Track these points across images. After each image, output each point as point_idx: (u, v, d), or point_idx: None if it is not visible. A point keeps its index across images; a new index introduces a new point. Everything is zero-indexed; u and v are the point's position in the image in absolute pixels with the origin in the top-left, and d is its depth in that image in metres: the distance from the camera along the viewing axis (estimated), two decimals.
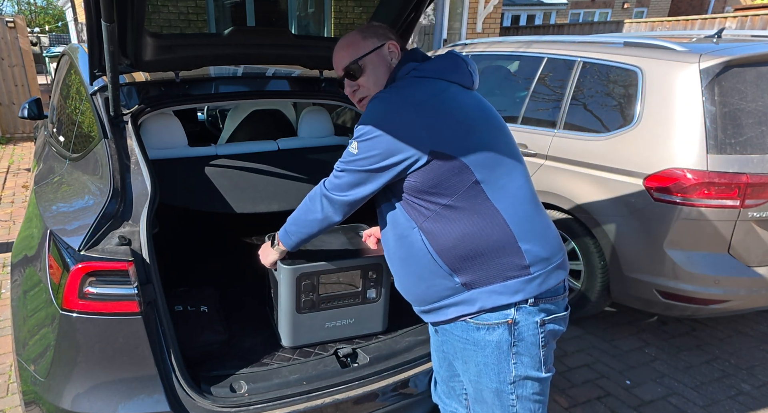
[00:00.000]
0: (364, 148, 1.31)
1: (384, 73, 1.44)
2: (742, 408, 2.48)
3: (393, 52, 1.44)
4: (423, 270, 1.37)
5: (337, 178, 1.39)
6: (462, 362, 1.43)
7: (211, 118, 4.37)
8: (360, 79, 1.44)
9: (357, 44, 1.43)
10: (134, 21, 1.72)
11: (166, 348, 1.55)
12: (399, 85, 1.34)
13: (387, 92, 1.31)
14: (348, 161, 1.36)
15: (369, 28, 1.46)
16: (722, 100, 2.45)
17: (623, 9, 20.06)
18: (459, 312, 1.37)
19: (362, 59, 1.42)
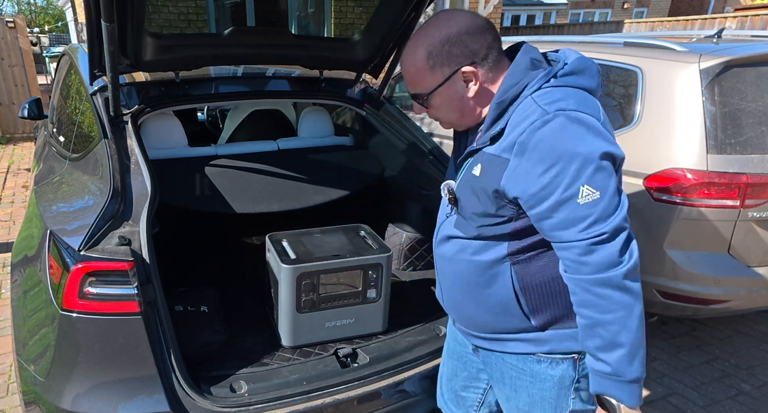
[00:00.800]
0: (601, 181, 1.03)
1: (473, 101, 1.18)
2: (742, 408, 2.48)
3: (471, 81, 1.15)
4: (497, 305, 1.24)
5: (603, 248, 1.03)
6: (511, 390, 1.33)
7: (211, 118, 4.37)
8: (434, 110, 1.23)
9: (423, 75, 1.16)
10: (134, 21, 1.72)
11: (166, 348, 1.55)
12: (564, 97, 1.07)
13: (576, 109, 1.05)
14: (598, 217, 1.02)
15: (435, 44, 1.12)
16: (722, 100, 2.45)
17: (623, 9, 20.06)
18: (525, 348, 1.26)
19: (432, 94, 1.18)
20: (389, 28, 2.14)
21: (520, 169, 1.07)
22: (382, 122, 2.54)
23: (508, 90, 1.12)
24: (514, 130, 1.09)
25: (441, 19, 1.14)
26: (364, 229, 2.12)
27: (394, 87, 5.23)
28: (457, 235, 1.27)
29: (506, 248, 1.19)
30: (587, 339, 1.09)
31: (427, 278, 2.50)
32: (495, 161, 1.12)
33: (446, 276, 1.35)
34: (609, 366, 1.07)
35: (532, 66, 1.15)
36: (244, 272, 2.56)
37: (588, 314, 1.07)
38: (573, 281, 1.07)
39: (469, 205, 1.21)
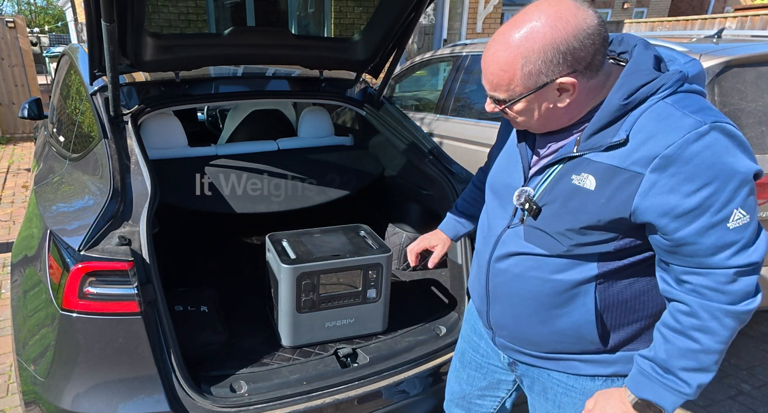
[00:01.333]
0: (753, 204, 0.94)
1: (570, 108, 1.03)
2: (742, 408, 2.48)
3: (567, 91, 1.00)
4: (569, 327, 1.14)
5: (746, 279, 0.96)
6: (554, 406, 1.26)
7: (211, 118, 4.37)
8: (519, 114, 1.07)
9: (510, 80, 1.00)
10: (134, 21, 1.72)
11: (166, 348, 1.55)
12: (706, 106, 0.96)
13: (727, 122, 0.94)
14: (746, 244, 0.95)
15: (534, 50, 0.95)
16: (722, 100, 2.45)
17: (623, 9, 20.05)
18: (587, 370, 1.18)
19: (516, 102, 1.03)
20: (389, 29, 2.14)
21: (662, 186, 0.93)
22: (382, 122, 2.54)
23: (633, 92, 0.97)
24: (649, 140, 0.94)
25: (547, 16, 0.94)
26: (364, 229, 2.12)
27: (394, 87, 5.23)
28: (532, 252, 1.13)
29: (596, 268, 1.07)
30: (680, 359, 1.01)
31: (427, 278, 2.50)
32: (620, 175, 0.96)
33: (507, 296, 1.21)
34: (688, 386, 1.02)
35: (657, 65, 1.01)
36: (244, 272, 2.56)
37: (702, 340, 0.99)
38: (702, 306, 0.98)
39: (562, 219, 1.06)
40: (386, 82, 2.50)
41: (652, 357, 1.06)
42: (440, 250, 1.61)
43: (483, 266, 1.26)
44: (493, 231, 1.23)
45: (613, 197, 0.98)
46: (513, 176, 1.18)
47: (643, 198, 0.95)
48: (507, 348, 1.30)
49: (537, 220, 1.10)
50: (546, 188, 1.09)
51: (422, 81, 5.64)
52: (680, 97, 0.97)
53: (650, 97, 0.97)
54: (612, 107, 0.98)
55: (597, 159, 1.00)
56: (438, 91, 4.71)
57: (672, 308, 1.04)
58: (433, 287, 2.41)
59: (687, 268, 0.99)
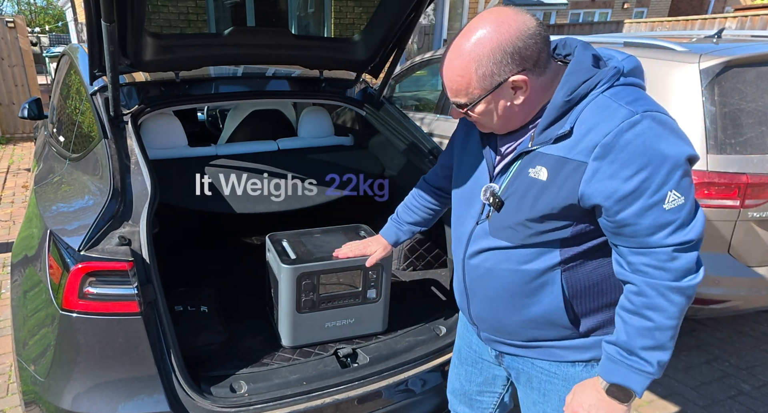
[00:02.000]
0: (687, 186, 1.01)
1: (525, 106, 1.11)
2: (742, 408, 2.48)
3: (520, 89, 1.07)
4: (542, 315, 1.20)
5: (685, 256, 1.02)
6: (539, 394, 1.31)
7: (211, 118, 4.37)
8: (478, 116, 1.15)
9: (468, 85, 1.08)
10: (134, 21, 1.72)
11: (166, 348, 1.55)
12: (640, 97, 1.04)
13: (659, 111, 1.02)
14: (682, 223, 1.01)
15: (484, 53, 1.03)
16: (722, 100, 2.45)
17: (623, 9, 20.06)
18: (565, 356, 1.24)
19: (476, 104, 1.11)
20: (389, 29, 2.14)
21: (603, 173, 1.01)
22: (382, 122, 2.54)
23: (575, 88, 1.05)
24: (590, 131, 1.02)
25: (490, 23, 1.03)
26: (364, 229, 2.12)
27: (394, 87, 5.23)
28: (498, 246, 1.19)
29: (558, 255, 1.14)
30: (638, 338, 1.07)
31: (427, 278, 2.50)
32: (567, 165, 1.05)
33: (482, 289, 1.27)
34: (650, 365, 1.07)
35: (596, 63, 1.09)
36: (244, 272, 2.56)
37: (654, 317, 1.05)
38: (648, 284, 1.04)
39: (521, 210, 1.13)
40: (386, 82, 2.50)
41: (615, 341, 1.11)
42: (379, 254, 1.75)
43: (459, 263, 1.32)
44: (464, 229, 1.29)
45: (563, 186, 1.06)
46: (479, 176, 1.26)
47: (587, 184, 1.03)
48: (490, 340, 1.36)
49: (500, 213, 1.17)
50: (508, 183, 1.16)
51: (422, 81, 5.64)
52: (617, 91, 1.05)
53: (591, 92, 1.06)
54: (558, 103, 1.07)
55: (548, 152, 1.08)
56: (438, 91, 4.70)
57: (625, 291, 1.10)
58: (433, 287, 2.41)
59: (631, 248, 1.06)
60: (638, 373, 1.08)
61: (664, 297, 1.04)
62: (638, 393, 1.10)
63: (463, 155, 1.35)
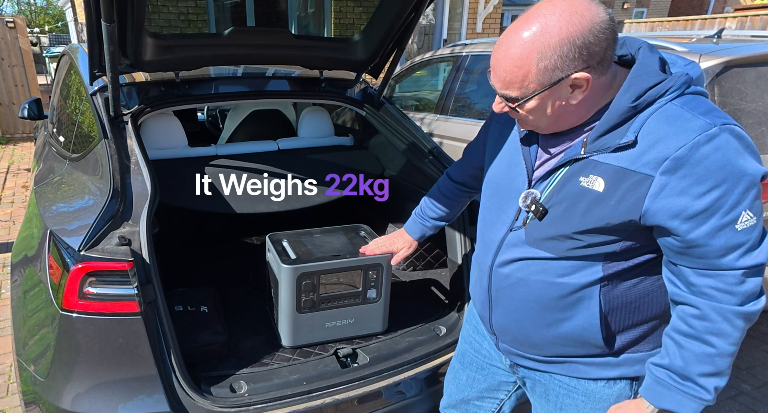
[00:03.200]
0: (759, 207, 0.95)
1: (587, 105, 1.02)
2: (742, 409, 2.48)
3: (580, 88, 0.98)
4: (574, 331, 1.13)
5: (754, 280, 0.97)
6: (555, 407, 1.26)
7: (211, 118, 4.37)
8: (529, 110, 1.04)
9: (524, 77, 0.98)
10: (134, 21, 1.72)
11: (166, 348, 1.55)
12: (714, 108, 0.97)
13: (736, 124, 0.95)
14: (753, 245, 0.96)
15: (550, 45, 0.93)
16: (722, 100, 2.45)
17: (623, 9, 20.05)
18: (591, 373, 1.18)
19: (529, 99, 1.01)
20: (389, 29, 2.14)
21: (672, 188, 0.93)
22: (382, 122, 2.54)
23: (642, 93, 0.97)
24: (659, 142, 0.94)
25: (562, 10, 0.93)
26: (364, 229, 2.12)
27: (394, 87, 5.23)
28: (536, 256, 1.12)
29: (601, 270, 1.07)
30: (696, 364, 1.01)
31: (427, 278, 2.50)
32: (629, 177, 0.96)
33: (510, 300, 1.19)
34: (707, 392, 1.02)
35: (663, 68, 1.01)
36: (244, 272, 2.56)
37: (716, 343, 1.00)
38: (712, 308, 0.98)
39: (569, 221, 1.05)
40: (386, 83, 2.50)
41: (668, 365, 1.04)
42: (404, 253, 1.72)
43: (485, 271, 1.24)
44: (494, 236, 1.22)
45: (623, 199, 0.98)
46: (515, 179, 1.17)
47: (654, 200, 0.95)
48: (510, 352, 1.30)
49: (542, 222, 1.09)
50: (552, 190, 1.08)
51: (422, 81, 5.65)
52: (688, 100, 0.97)
53: (658, 99, 0.97)
54: (621, 109, 0.98)
55: (605, 161, 1.00)
56: (438, 91, 4.71)
57: (681, 313, 1.03)
58: (433, 287, 2.41)
59: (697, 269, 0.99)
60: (692, 400, 1.03)
61: (729, 322, 0.98)
62: None
63: (496, 154, 1.25)
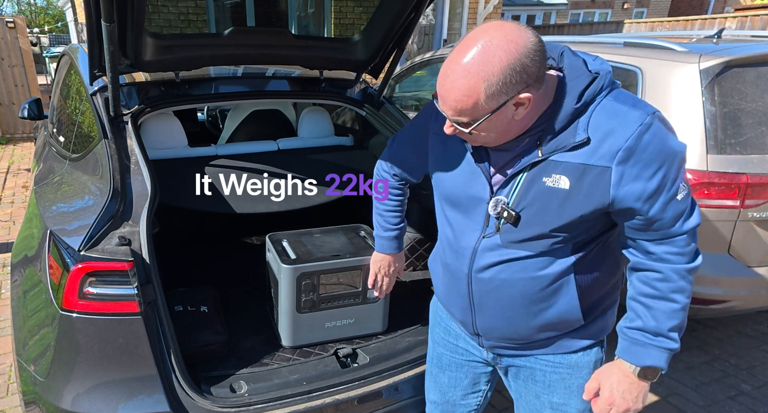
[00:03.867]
0: (685, 178, 1.11)
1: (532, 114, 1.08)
2: (742, 409, 2.48)
3: (523, 105, 1.04)
4: (557, 316, 1.23)
5: (694, 238, 1.13)
6: (543, 386, 1.33)
7: (211, 118, 4.37)
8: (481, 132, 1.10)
9: (473, 106, 1.02)
10: (134, 21, 1.72)
11: (166, 348, 1.55)
12: (636, 98, 1.10)
13: (657, 109, 1.07)
14: (691, 210, 1.11)
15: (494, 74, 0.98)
16: (722, 100, 2.45)
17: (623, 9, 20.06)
18: (572, 345, 1.29)
19: (479, 124, 1.06)
20: (389, 29, 2.14)
21: (629, 175, 1.04)
22: (382, 122, 2.54)
23: (581, 95, 1.06)
24: (608, 136, 1.04)
25: (498, 40, 0.98)
26: (364, 229, 2.12)
27: (394, 87, 5.23)
28: (515, 256, 1.18)
29: (573, 256, 1.17)
30: (666, 320, 1.14)
31: (427, 278, 2.50)
32: (590, 171, 1.06)
33: (495, 301, 1.25)
34: (675, 342, 1.16)
35: (587, 68, 1.10)
36: (244, 272, 2.56)
37: (680, 299, 1.14)
38: (672, 270, 1.13)
39: (544, 220, 1.12)
40: (386, 83, 2.50)
41: (642, 326, 1.17)
42: (401, 267, 1.73)
43: (461, 279, 1.28)
44: (465, 243, 1.25)
45: (590, 192, 1.07)
46: (475, 187, 1.21)
47: (618, 188, 1.06)
48: (495, 347, 1.36)
49: (518, 226, 1.15)
50: (519, 194, 1.14)
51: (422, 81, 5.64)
52: (617, 94, 1.09)
53: (596, 97, 1.08)
54: (568, 111, 1.07)
55: (564, 160, 1.08)
56: None
57: (645, 278, 1.16)
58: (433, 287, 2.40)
59: (655, 241, 1.13)
60: (665, 352, 1.16)
61: (685, 279, 1.13)
62: (665, 369, 1.18)
63: (447, 165, 1.29)
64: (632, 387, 1.18)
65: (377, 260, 1.71)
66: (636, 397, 1.18)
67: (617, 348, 1.22)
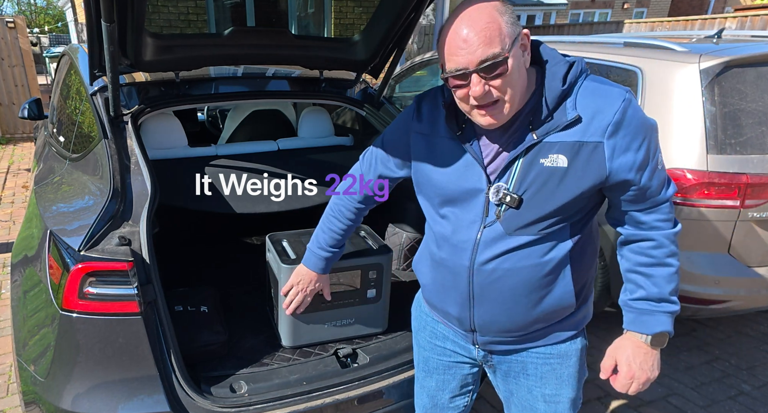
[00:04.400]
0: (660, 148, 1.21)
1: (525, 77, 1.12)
2: (742, 409, 2.48)
3: (526, 49, 1.12)
4: (555, 302, 1.24)
5: (672, 207, 1.22)
6: (536, 378, 1.34)
7: (211, 118, 4.37)
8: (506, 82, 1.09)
9: (499, 28, 1.05)
10: (134, 21, 1.72)
11: (166, 348, 1.55)
12: (605, 79, 1.18)
13: None
14: (668, 177, 1.21)
15: (494, 2, 1.07)
16: (722, 100, 2.45)
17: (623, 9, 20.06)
18: (564, 335, 1.31)
19: (510, 54, 1.06)
20: (389, 29, 2.14)
21: (619, 148, 1.10)
22: (382, 122, 2.54)
23: (565, 79, 1.12)
24: (597, 113, 1.10)
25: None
26: (364, 229, 2.12)
27: (394, 87, 5.23)
28: (519, 244, 1.18)
29: (570, 239, 1.20)
30: (666, 285, 1.20)
31: None
32: (584, 147, 1.11)
33: (497, 293, 1.23)
34: (675, 304, 1.21)
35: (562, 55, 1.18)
36: (244, 272, 2.56)
37: (674, 262, 1.20)
38: (663, 236, 1.19)
39: (546, 201, 1.14)
40: (386, 83, 2.50)
41: (646, 296, 1.22)
42: (327, 290, 1.73)
43: (461, 273, 1.26)
44: (464, 237, 1.23)
45: (587, 167, 1.12)
46: (470, 180, 1.21)
47: (612, 161, 1.11)
48: (490, 343, 1.34)
49: (520, 209, 1.16)
50: (518, 179, 1.15)
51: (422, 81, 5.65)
52: (592, 77, 1.16)
53: (578, 79, 1.14)
54: (556, 93, 1.12)
55: (558, 139, 1.12)
56: None
57: (638, 248, 1.22)
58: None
59: (645, 210, 1.19)
60: (670, 315, 1.21)
61: (674, 244, 1.20)
62: (671, 333, 1.22)
63: (433, 162, 1.28)
64: (648, 357, 1.22)
65: (300, 273, 1.66)
66: (652, 366, 1.22)
67: (624, 321, 1.26)
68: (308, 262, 1.63)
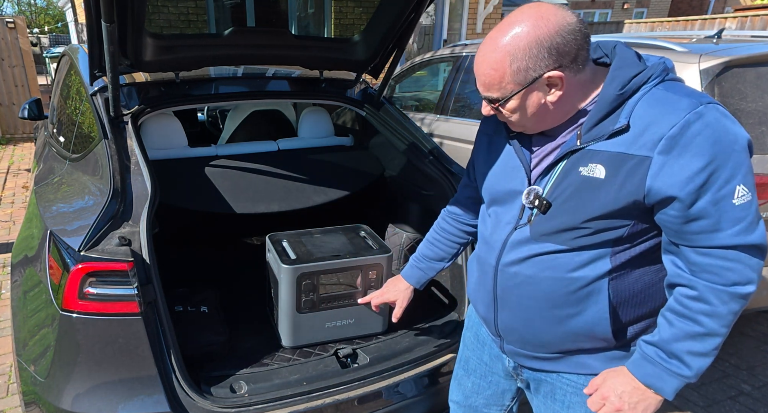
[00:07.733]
0: (752, 183, 0.97)
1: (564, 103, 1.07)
2: (742, 409, 2.48)
3: (556, 86, 1.04)
4: (584, 326, 1.14)
5: (752, 259, 0.99)
6: (563, 406, 1.26)
7: (211, 118, 4.37)
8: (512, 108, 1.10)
9: (501, 79, 1.05)
10: (134, 21, 1.72)
11: (166, 349, 1.55)
12: (694, 90, 1.03)
13: (719, 103, 1.01)
14: (752, 221, 0.97)
15: (520, 47, 1.00)
16: (722, 100, 2.45)
17: (623, 9, 20.06)
18: (597, 368, 1.19)
19: (508, 100, 1.07)
20: (389, 29, 2.14)
21: (670, 166, 0.96)
22: (382, 122, 2.54)
23: (626, 82, 1.02)
24: (651, 124, 0.98)
25: (529, 17, 1.00)
26: (364, 229, 2.12)
27: (394, 87, 5.23)
28: (545, 250, 1.13)
29: (609, 262, 1.08)
30: (684, 342, 1.03)
31: None
32: (628, 161, 0.99)
33: (518, 299, 1.19)
34: (689, 369, 1.04)
35: (640, 59, 1.08)
36: (244, 273, 2.56)
37: (710, 324, 1.01)
38: (710, 289, 1.00)
39: (576, 211, 1.07)
40: (386, 83, 2.50)
41: (657, 342, 1.07)
42: (400, 304, 1.65)
43: (488, 272, 1.25)
44: (497, 236, 1.23)
45: (625, 182, 1.01)
46: (514, 181, 1.19)
47: (655, 179, 0.98)
48: (517, 354, 1.30)
49: (546, 215, 1.11)
50: (554, 184, 1.11)
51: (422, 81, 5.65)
52: (670, 85, 1.03)
53: (642, 86, 1.03)
54: (608, 98, 1.03)
55: (602, 149, 1.03)
56: (438, 92, 4.71)
57: (677, 294, 1.05)
58: (433, 288, 2.41)
59: (696, 248, 1.00)
60: (675, 377, 1.05)
61: (725, 305, 0.99)
62: (669, 397, 1.06)
63: (490, 161, 1.29)
64: (634, 392, 1.08)
65: (389, 281, 1.71)
66: (635, 403, 1.08)
67: (630, 359, 1.14)
68: (405, 274, 1.66)
